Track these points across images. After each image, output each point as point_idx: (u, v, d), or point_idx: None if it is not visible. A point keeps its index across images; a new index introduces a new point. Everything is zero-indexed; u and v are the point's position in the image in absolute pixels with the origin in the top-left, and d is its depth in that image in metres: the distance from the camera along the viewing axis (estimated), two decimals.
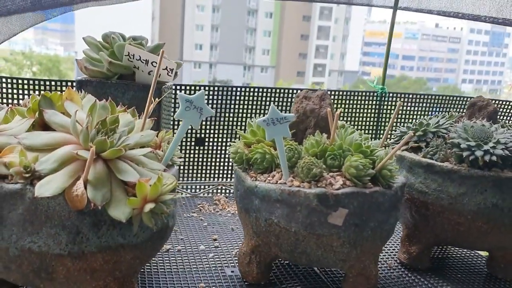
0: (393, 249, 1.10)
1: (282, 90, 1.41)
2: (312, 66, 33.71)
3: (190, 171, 1.41)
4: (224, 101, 1.38)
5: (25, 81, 1.18)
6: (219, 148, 1.41)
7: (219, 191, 1.42)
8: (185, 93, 1.32)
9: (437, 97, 1.57)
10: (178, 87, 1.30)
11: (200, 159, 1.40)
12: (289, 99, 1.42)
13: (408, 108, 1.53)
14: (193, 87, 1.32)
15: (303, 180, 0.77)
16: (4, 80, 1.17)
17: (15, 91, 1.17)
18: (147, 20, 28.99)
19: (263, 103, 1.41)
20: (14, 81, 1.17)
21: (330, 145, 0.81)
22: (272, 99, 1.40)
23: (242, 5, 31.04)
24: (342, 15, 34.69)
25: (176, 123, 1.34)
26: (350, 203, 0.75)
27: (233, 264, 0.95)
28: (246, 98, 1.40)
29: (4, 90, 1.17)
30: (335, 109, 0.98)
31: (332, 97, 1.46)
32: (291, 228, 0.77)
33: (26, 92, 1.17)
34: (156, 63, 0.97)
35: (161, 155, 0.76)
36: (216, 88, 1.38)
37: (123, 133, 0.68)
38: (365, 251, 0.81)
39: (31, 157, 0.62)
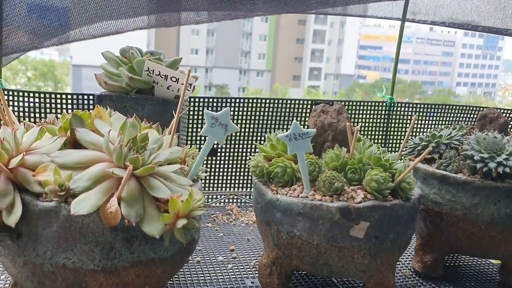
0: (406, 258, 1.12)
1: (293, 101, 1.43)
2: (308, 69, 33.82)
3: (202, 181, 1.42)
4: (236, 112, 1.40)
5: (41, 95, 1.19)
6: (231, 158, 1.42)
7: (231, 200, 1.44)
8: (196, 105, 1.34)
9: (446, 107, 1.59)
10: (193, 100, 1.32)
11: (212, 169, 1.42)
12: (303, 110, 1.44)
13: (419, 117, 1.55)
14: (211, 99, 1.34)
15: (325, 194, 0.78)
16: (20, 93, 1.18)
17: (31, 104, 1.18)
18: (143, 32, 28.94)
19: (275, 114, 1.43)
20: (31, 95, 1.18)
21: (350, 159, 0.83)
22: (283, 110, 1.42)
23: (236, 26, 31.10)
24: (338, 19, 34.75)
25: (190, 136, 1.35)
26: (372, 216, 0.77)
27: (252, 275, 0.97)
28: (258, 108, 1.42)
29: (21, 104, 1.19)
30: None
31: None
32: (313, 241, 0.79)
33: (43, 105, 1.19)
34: (175, 77, 0.99)
35: (186, 170, 0.77)
36: (227, 100, 1.40)
37: (153, 150, 0.69)
38: (384, 261, 0.83)
39: (64, 175, 0.64)
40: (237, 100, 1.40)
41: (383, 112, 1.52)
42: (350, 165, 0.82)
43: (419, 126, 1.59)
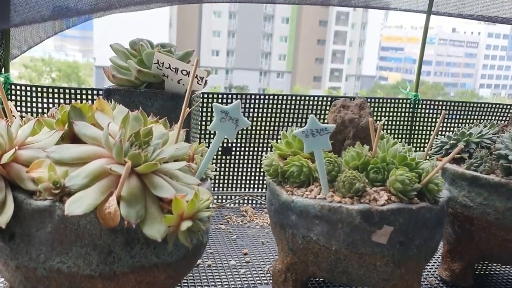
0: (432, 265, 1.04)
1: (312, 98, 1.37)
2: (329, 71, 33.60)
3: (217, 181, 1.37)
4: (252, 109, 1.34)
5: (49, 90, 1.16)
6: (246, 157, 1.36)
7: (245, 201, 1.38)
8: (210, 101, 1.29)
9: (474, 104, 1.51)
10: (206, 96, 1.26)
11: (227, 169, 1.36)
12: (323, 107, 1.38)
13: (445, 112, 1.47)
14: (220, 95, 1.29)
15: (345, 195, 0.72)
16: (28, 88, 1.14)
17: (39, 99, 1.14)
18: (165, 27, 29.20)
19: (293, 111, 1.36)
20: (39, 89, 1.14)
21: (373, 158, 0.76)
22: (302, 106, 1.36)
23: (258, 11, 31.09)
24: (359, 20, 34.54)
25: (203, 133, 1.30)
26: (396, 220, 0.71)
27: (266, 281, 0.91)
28: (274, 106, 1.36)
29: (28, 99, 1.15)
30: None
31: None
32: (331, 247, 0.72)
33: (51, 100, 1.15)
34: (186, 71, 0.93)
35: (194, 168, 0.72)
36: (243, 96, 1.34)
37: (157, 145, 0.64)
38: (409, 270, 0.76)
39: (60, 172, 0.59)
40: (253, 97, 1.34)
41: (407, 110, 1.45)
42: (372, 164, 0.76)
43: (443, 125, 1.51)
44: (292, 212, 0.75)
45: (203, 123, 1.29)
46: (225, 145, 1.34)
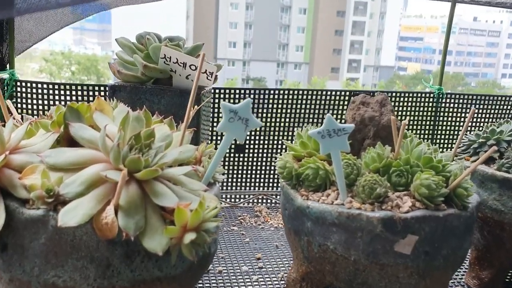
0: (458, 271, 0.98)
1: (330, 92, 1.30)
2: (347, 62, 33.25)
3: (230, 180, 1.32)
4: (266, 105, 1.29)
5: (55, 86, 1.11)
6: (260, 155, 1.31)
7: (260, 201, 1.33)
8: (222, 97, 1.23)
9: (501, 98, 1.42)
10: (217, 91, 1.21)
11: (240, 167, 1.31)
12: (341, 102, 1.31)
13: (468, 111, 1.39)
14: (232, 91, 1.23)
15: (365, 201, 0.66)
16: (33, 85, 1.10)
17: (45, 97, 1.10)
18: (182, 19, 29.19)
19: (310, 106, 1.30)
20: (45, 86, 1.10)
21: (395, 160, 0.70)
22: (321, 101, 1.29)
23: (275, 2, 30.86)
24: (378, 9, 34.06)
25: (215, 132, 1.25)
26: (421, 229, 0.64)
27: None
28: (290, 101, 1.30)
29: (34, 96, 1.11)
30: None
31: None
32: (350, 256, 0.67)
33: (57, 97, 1.11)
34: (195, 66, 0.88)
35: (201, 172, 0.67)
36: (256, 91, 1.28)
37: (159, 149, 0.59)
38: (435, 281, 0.70)
39: (54, 179, 0.54)
40: (268, 92, 1.28)
41: (430, 105, 1.37)
42: (395, 167, 0.69)
43: (477, 120, 1.42)
44: (308, 218, 0.69)
45: (215, 120, 1.24)
46: (238, 142, 1.29)
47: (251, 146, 1.30)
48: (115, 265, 0.55)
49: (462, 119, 1.39)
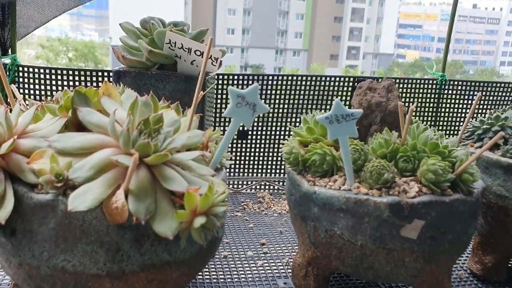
0: (461, 257, 0.98)
1: (333, 78, 1.30)
2: (346, 49, 33.12)
3: (232, 165, 1.32)
4: (269, 91, 1.28)
5: (58, 71, 1.11)
6: (263, 141, 1.31)
7: (262, 187, 1.33)
8: (225, 83, 1.23)
9: (506, 84, 1.42)
10: (221, 77, 1.20)
11: (243, 153, 1.31)
12: (343, 89, 1.31)
13: (470, 97, 1.39)
14: (236, 77, 1.23)
15: (372, 187, 0.66)
16: (36, 70, 1.10)
17: (47, 82, 1.10)
18: (180, 5, 28.96)
19: (312, 92, 1.30)
20: (47, 71, 1.09)
21: (402, 145, 0.70)
22: (322, 87, 1.29)
23: None
24: None
25: (219, 118, 1.24)
26: (427, 214, 0.65)
27: (285, 275, 0.86)
28: (291, 87, 1.29)
29: (36, 81, 1.11)
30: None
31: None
32: (357, 241, 0.67)
33: (59, 83, 1.10)
34: (200, 51, 0.88)
35: (208, 157, 0.66)
36: (260, 77, 1.28)
37: (168, 134, 0.58)
38: (440, 265, 0.70)
39: (63, 163, 0.54)
40: (271, 78, 1.28)
41: (433, 91, 1.37)
42: (402, 153, 0.69)
43: (470, 107, 1.42)
44: (314, 204, 0.70)
45: (218, 107, 1.23)
46: (241, 128, 1.29)
47: (254, 133, 1.30)
48: (125, 249, 0.55)
49: (465, 106, 1.39)
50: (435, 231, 0.66)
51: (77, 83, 1.11)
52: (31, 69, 1.09)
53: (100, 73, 1.11)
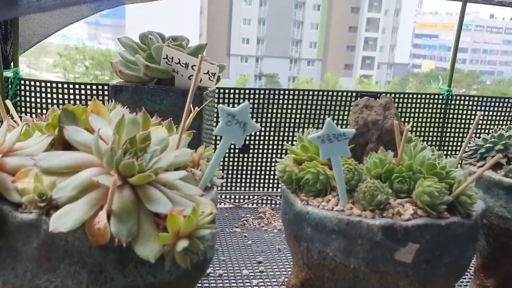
0: (463, 279, 0.96)
1: (339, 93, 1.28)
2: (361, 58, 33.03)
3: (234, 180, 1.31)
4: (271, 105, 1.27)
5: (59, 85, 1.11)
6: (265, 155, 1.30)
7: (264, 201, 1.31)
8: (226, 99, 1.22)
9: None
10: (221, 91, 1.20)
11: (245, 167, 1.30)
12: (350, 104, 1.29)
13: (481, 113, 1.35)
14: (237, 91, 1.22)
15: (365, 208, 0.65)
16: (37, 83, 1.10)
17: (49, 95, 1.10)
18: (195, 15, 29.20)
19: (317, 107, 1.28)
20: (49, 85, 1.10)
21: (398, 165, 0.68)
22: (329, 102, 1.27)
23: None
24: (392, 6, 33.76)
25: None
26: (422, 237, 0.63)
27: None
28: (295, 101, 1.28)
29: (38, 95, 1.11)
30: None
31: None
32: (349, 264, 0.65)
33: (60, 96, 1.10)
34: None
35: (199, 175, 0.66)
36: (262, 92, 1.27)
37: (154, 153, 0.58)
38: None
39: (48, 182, 0.54)
40: (272, 92, 1.27)
41: (439, 106, 1.34)
42: (397, 173, 0.68)
43: (482, 122, 1.39)
44: (307, 224, 0.68)
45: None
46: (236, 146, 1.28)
47: (256, 146, 1.28)
48: (108, 270, 0.54)
49: (472, 122, 1.36)
50: (431, 254, 0.64)
51: (77, 97, 1.11)
52: (33, 83, 1.09)
53: (100, 87, 1.11)
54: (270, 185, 1.32)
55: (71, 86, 1.11)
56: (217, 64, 0.91)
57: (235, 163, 1.29)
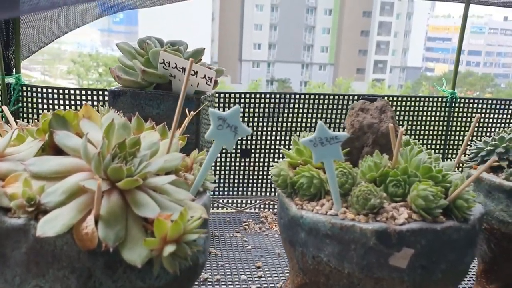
0: (466, 283, 0.94)
1: (337, 96, 1.27)
2: (373, 62, 32.86)
3: (236, 184, 1.30)
4: (273, 109, 1.27)
5: (60, 91, 1.12)
6: (266, 159, 1.29)
7: (266, 206, 1.31)
8: (230, 101, 1.22)
9: None
10: (222, 96, 1.20)
11: (246, 172, 1.30)
12: (343, 106, 1.28)
13: (485, 115, 1.34)
14: (238, 95, 1.22)
15: (359, 212, 0.64)
16: (39, 89, 1.11)
17: (50, 101, 1.11)
18: (207, 21, 29.34)
19: (318, 110, 1.27)
20: (50, 90, 1.11)
21: (393, 169, 0.67)
22: (330, 106, 1.27)
23: (300, 3, 30.76)
24: (404, 10, 33.58)
25: None
26: (417, 242, 0.62)
27: None
28: (301, 105, 1.27)
29: (39, 100, 1.12)
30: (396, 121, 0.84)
31: (391, 103, 1.30)
32: (343, 269, 0.64)
33: (62, 102, 1.11)
34: (194, 71, 0.87)
35: (191, 180, 0.65)
36: (263, 96, 1.26)
37: (144, 157, 0.58)
38: None
39: (37, 187, 0.54)
40: (278, 96, 1.26)
41: (443, 109, 1.33)
42: (392, 177, 0.67)
43: (482, 126, 1.37)
44: (301, 228, 0.68)
45: None
46: (243, 146, 1.27)
47: (257, 151, 1.28)
48: (97, 275, 0.54)
49: (476, 124, 1.34)
50: (426, 260, 0.63)
51: (78, 102, 1.12)
52: (34, 89, 1.10)
53: (100, 92, 1.12)
54: (273, 190, 1.31)
55: (71, 91, 1.11)
56: (215, 69, 0.91)
57: (236, 168, 1.29)
